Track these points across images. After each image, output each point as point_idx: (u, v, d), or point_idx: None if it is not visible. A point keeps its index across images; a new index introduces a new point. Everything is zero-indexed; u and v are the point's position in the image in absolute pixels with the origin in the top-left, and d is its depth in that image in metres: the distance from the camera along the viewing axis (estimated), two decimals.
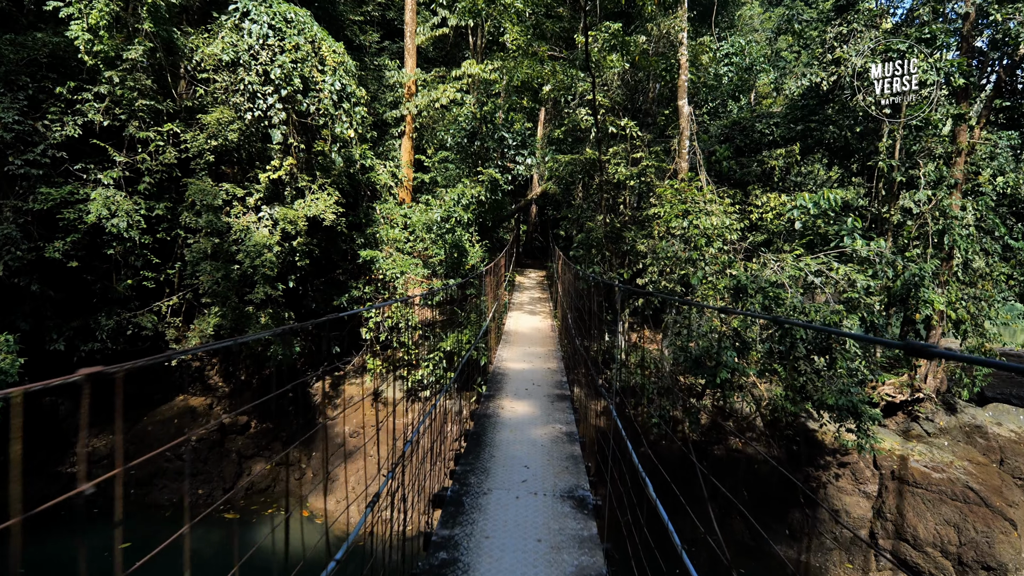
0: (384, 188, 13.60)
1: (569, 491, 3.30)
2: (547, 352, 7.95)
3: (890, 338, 9.11)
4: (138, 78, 9.81)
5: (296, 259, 10.83)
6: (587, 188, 12.56)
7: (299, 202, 10.29)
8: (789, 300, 7.94)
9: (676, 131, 11.75)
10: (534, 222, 23.37)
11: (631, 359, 9.71)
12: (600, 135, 10.46)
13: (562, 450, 3.94)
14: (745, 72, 16.37)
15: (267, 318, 11.39)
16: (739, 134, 13.87)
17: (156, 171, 10.03)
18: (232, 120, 9.93)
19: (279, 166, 10.02)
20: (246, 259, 9.80)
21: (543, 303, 12.60)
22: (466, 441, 4.17)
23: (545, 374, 6.48)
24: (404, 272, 11.52)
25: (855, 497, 9.90)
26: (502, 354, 7.66)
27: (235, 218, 10.31)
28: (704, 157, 11.14)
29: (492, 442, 4.06)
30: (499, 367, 6.87)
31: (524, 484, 3.36)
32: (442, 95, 13.64)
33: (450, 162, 14.37)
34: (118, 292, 10.76)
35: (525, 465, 3.61)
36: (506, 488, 3.29)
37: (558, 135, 12.82)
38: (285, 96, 9.66)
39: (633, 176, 10.99)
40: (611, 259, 11.54)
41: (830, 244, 10.54)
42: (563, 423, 4.56)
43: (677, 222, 8.85)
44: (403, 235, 12.24)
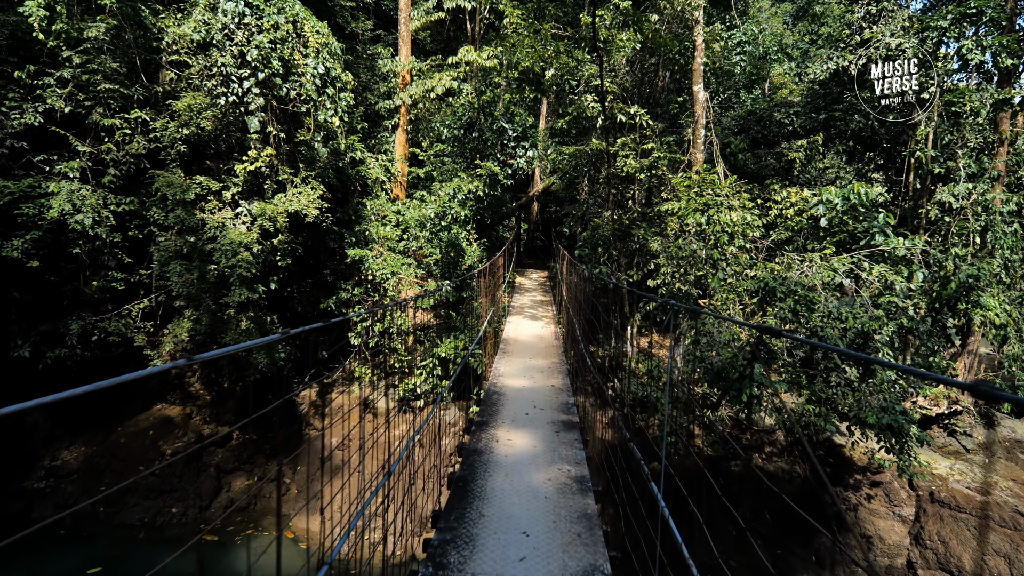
0: (376, 183, 12.74)
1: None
2: (550, 365, 7.10)
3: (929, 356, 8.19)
4: (103, 60, 8.96)
5: (277, 259, 9.98)
6: (593, 182, 11.69)
7: (279, 196, 9.43)
8: (823, 305, 7.04)
9: (690, 120, 10.86)
10: (535, 220, 22.47)
11: (641, 367, 8.83)
12: (608, 123, 9.57)
13: (571, 506, 3.06)
14: (759, 61, 15.47)
15: (248, 322, 10.55)
16: (755, 124, 12.95)
17: (123, 162, 9.19)
18: (205, 106, 9.07)
19: (257, 157, 9.16)
20: (222, 259, 8.96)
21: (545, 306, 11.69)
22: (449, 487, 3.30)
23: (548, 394, 5.62)
24: (395, 272, 10.65)
25: (889, 521, 9.00)
26: (499, 367, 6.83)
27: (209, 214, 9.46)
28: (720, 148, 10.24)
29: (482, 492, 3.18)
30: (495, 384, 6.00)
31: (522, 564, 2.49)
32: (438, 84, 12.76)
33: (446, 155, 13.50)
34: (88, 294, 9.94)
35: (524, 532, 2.74)
36: (498, 574, 2.41)
37: (561, 126, 11.94)
38: (263, 80, 8.80)
39: (643, 169, 10.10)
40: (619, 259, 10.65)
41: (859, 243, 9.65)
42: (571, 462, 3.67)
43: (694, 218, 7.96)
44: (395, 233, 11.38)
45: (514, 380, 6.16)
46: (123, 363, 11.25)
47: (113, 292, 10.30)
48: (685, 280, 8.97)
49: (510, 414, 4.70)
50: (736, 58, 14.37)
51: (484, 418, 4.56)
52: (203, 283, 9.69)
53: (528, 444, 3.98)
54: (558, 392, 5.75)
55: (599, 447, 8.55)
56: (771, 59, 15.92)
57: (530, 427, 4.35)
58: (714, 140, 9.89)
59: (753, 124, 12.95)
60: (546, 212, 22.26)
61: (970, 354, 10.24)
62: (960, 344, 11.72)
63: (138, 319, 10.07)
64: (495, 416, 4.63)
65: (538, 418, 4.62)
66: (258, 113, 8.90)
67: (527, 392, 5.63)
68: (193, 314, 9.54)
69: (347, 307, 11.97)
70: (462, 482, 3.29)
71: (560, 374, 6.60)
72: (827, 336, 7.05)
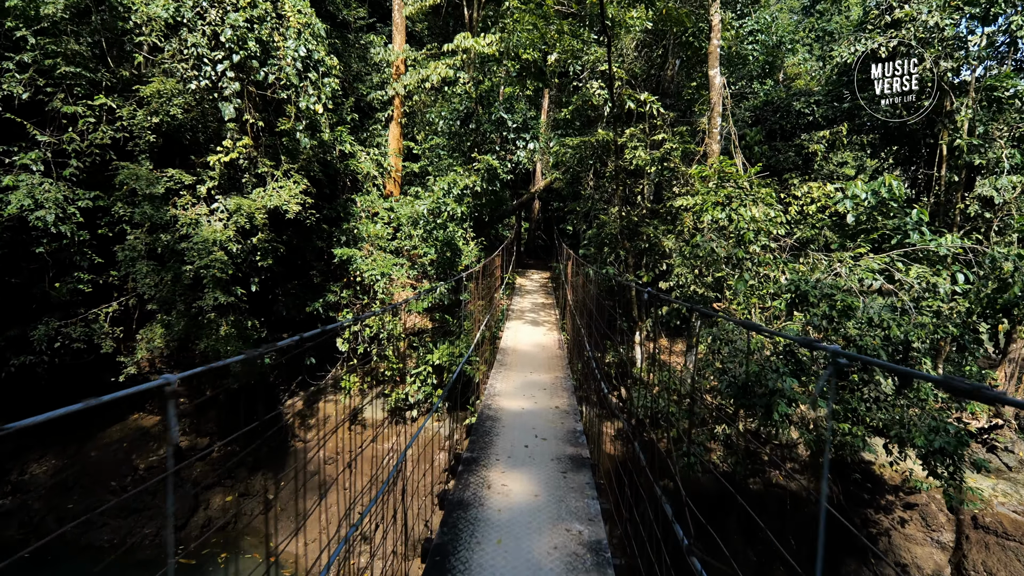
0: (367, 178, 11.95)
1: None
2: (553, 381, 6.22)
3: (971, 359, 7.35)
4: (65, 42, 8.20)
5: (257, 259, 9.20)
6: (599, 176, 10.88)
7: (258, 191, 8.65)
8: (863, 311, 6.22)
9: (704, 108, 10.04)
10: (537, 219, 21.66)
11: (654, 377, 8.02)
12: (616, 111, 8.76)
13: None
14: (773, 49, 14.64)
15: (228, 327, 9.77)
16: (772, 115, 12.12)
17: (86, 154, 8.42)
18: (176, 92, 8.29)
19: (232, 147, 8.38)
20: (195, 259, 8.18)
21: (547, 310, 10.87)
22: (425, 560, 2.50)
23: (552, 418, 4.79)
24: (386, 274, 9.86)
25: (927, 548, 8.17)
26: (495, 384, 5.99)
27: (182, 210, 8.68)
28: (738, 138, 9.42)
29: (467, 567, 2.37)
30: (490, 406, 5.13)
31: None
32: (433, 72, 11.97)
33: (442, 149, 12.70)
34: (56, 297, 9.19)
35: None
36: None
37: (565, 115, 11.12)
38: (238, 63, 8.02)
39: (654, 161, 9.28)
40: (627, 258, 9.83)
41: (889, 241, 8.83)
42: (582, 519, 2.86)
43: (713, 213, 7.15)
44: (386, 231, 10.59)
45: (512, 400, 5.30)
46: (96, 370, 10.49)
47: (85, 295, 9.55)
48: (702, 282, 8.16)
49: (506, 447, 3.88)
50: (748, 47, 13.55)
51: (474, 453, 3.73)
52: (177, 285, 8.93)
53: (527, 491, 3.17)
54: (563, 416, 4.90)
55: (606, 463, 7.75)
56: (785, 48, 15.09)
57: (530, 465, 3.54)
58: (732, 129, 9.07)
59: (770, 115, 12.12)
60: (548, 210, 21.44)
61: (1011, 362, 9.40)
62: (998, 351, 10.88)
63: (106, 323, 9.29)
64: (488, 450, 3.82)
65: (540, 452, 3.81)
66: (233, 99, 8.12)
67: (527, 416, 4.78)
68: (165, 318, 8.76)
69: (335, 310, 11.20)
70: (440, 554, 2.47)
71: (565, 392, 5.74)
72: (866, 346, 6.23)
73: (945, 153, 10.07)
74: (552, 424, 4.44)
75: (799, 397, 5.99)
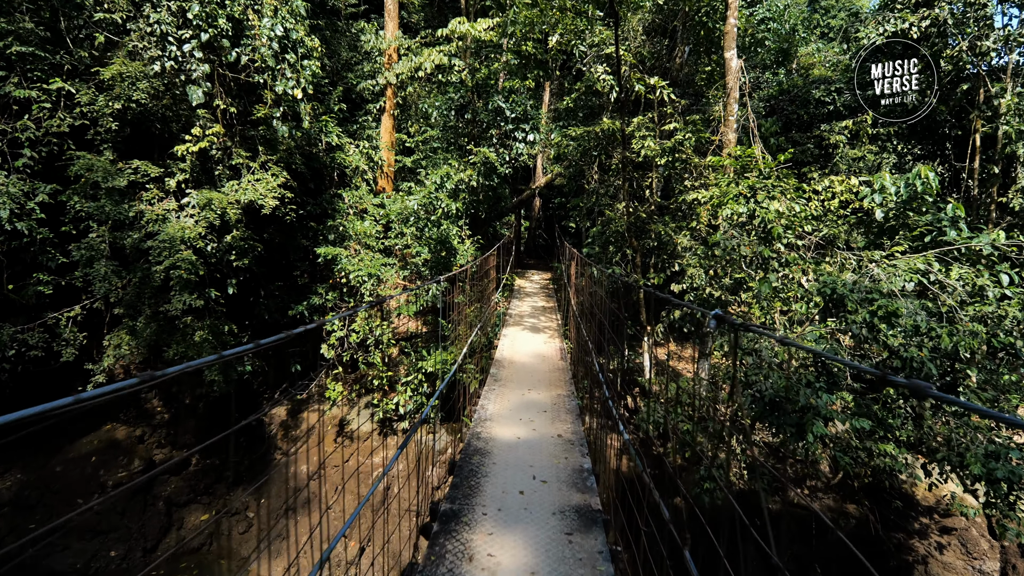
0: (356, 173, 11.20)
1: None
2: (555, 401, 5.33)
3: None
4: (17, 20, 7.45)
5: (233, 258, 8.45)
6: (604, 169, 10.12)
7: (231, 184, 7.89)
8: (908, 317, 5.45)
9: (719, 95, 9.27)
10: (537, 217, 20.88)
11: (665, 389, 7.26)
12: (623, 97, 7.99)
13: None
14: (787, 37, 13.87)
15: (204, 331, 9.01)
16: (789, 105, 11.34)
17: (42, 143, 7.67)
18: (139, 75, 7.54)
19: (202, 135, 7.63)
20: (163, 258, 7.44)
21: (548, 315, 10.09)
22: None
23: (554, 450, 3.92)
24: (373, 274, 9.10)
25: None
26: (487, 405, 5.05)
27: (148, 205, 7.94)
28: (756, 126, 8.65)
29: None
30: (479, 434, 4.19)
31: None
32: (426, 60, 11.21)
33: (436, 142, 11.94)
34: (17, 300, 8.45)
35: None
36: None
37: (567, 104, 10.35)
38: (207, 42, 7.27)
39: (665, 152, 8.52)
40: (635, 258, 9.06)
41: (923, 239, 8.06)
42: None
43: (733, 206, 6.38)
44: (374, 228, 9.83)
45: (506, 426, 4.39)
46: (67, 378, 9.75)
47: (52, 298, 8.81)
48: (718, 284, 7.39)
49: (496, 493, 3.08)
50: (760, 35, 12.79)
51: (455, 504, 2.93)
52: (146, 288, 8.19)
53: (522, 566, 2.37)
54: (567, 448, 4.02)
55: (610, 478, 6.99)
56: (799, 36, 14.30)
57: (526, 523, 2.75)
58: (750, 116, 8.29)
59: (786, 104, 11.35)
60: (549, 208, 20.67)
61: None
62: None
63: (68, 329, 8.53)
64: (473, 498, 3.02)
65: (539, 502, 3.01)
66: (203, 83, 7.36)
67: (523, 449, 3.89)
68: (130, 324, 8.02)
69: (321, 314, 10.45)
70: None
71: (569, 415, 4.83)
72: (912, 357, 5.47)
73: (979, 144, 9.30)
74: (554, 459, 3.64)
75: (839, 418, 5.22)
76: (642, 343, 9.39)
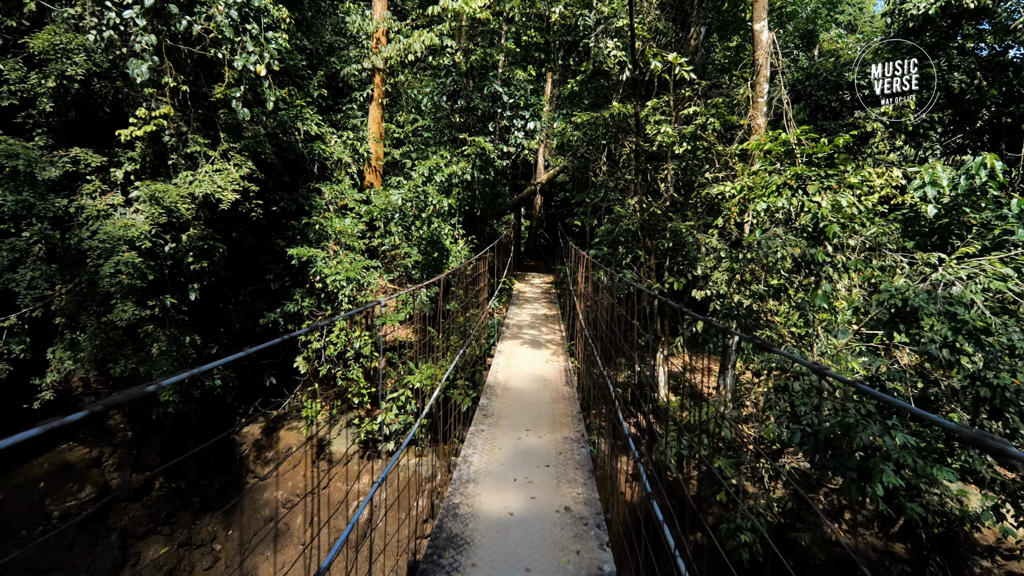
0: (339, 166, 10.14)
1: None
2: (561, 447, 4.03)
3: None
4: None
5: (190, 260, 7.40)
6: (613, 160, 9.06)
7: (184, 175, 6.84)
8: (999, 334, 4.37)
9: (747, 75, 8.19)
10: (539, 216, 19.79)
11: (687, 414, 6.20)
12: (637, 75, 6.91)
13: None
14: (812, 19, 12.82)
15: (165, 342, 7.97)
16: (818, 90, 10.25)
17: None
18: (76, 47, 6.49)
19: (148, 117, 6.57)
20: (102, 261, 6.39)
21: (551, 325, 8.99)
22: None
23: (560, 536, 2.74)
24: (353, 279, 8.04)
25: None
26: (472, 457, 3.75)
27: (89, 198, 6.89)
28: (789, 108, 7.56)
29: None
30: (456, 509, 2.99)
31: None
32: (416, 40, 10.15)
33: (426, 131, 10.88)
34: None
35: None
36: None
37: (571, 87, 9.24)
38: (152, 7, 6.20)
39: (684, 138, 7.44)
40: (648, 260, 7.98)
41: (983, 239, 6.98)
42: None
43: (772, 200, 5.30)
44: (355, 227, 8.77)
45: (494, 493, 3.18)
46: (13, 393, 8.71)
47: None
48: (748, 291, 6.31)
49: None
50: (790, 8, 11.70)
51: None
52: (92, 294, 7.14)
53: None
54: (579, 531, 2.78)
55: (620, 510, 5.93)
56: (822, 19, 13.24)
57: None
58: (784, 97, 7.20)
59: (814, 90, 10.24)
60: (551, 206, 19.59)
61: None
62: None
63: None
64: None
65: None
66: (148, 57, 6.29)
67: (517, 534, 2.73)
68: (68, 337, 6.97)
69: (297, 322, 9.39)
70: None
71: (580, 470, 3.57)
72: (1004, 384, 4.41)
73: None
74: (560, 554, 2.47)
75: (920, 466, 4.13)
76: (655, 355, 8.31)
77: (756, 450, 7.80)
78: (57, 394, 8.79)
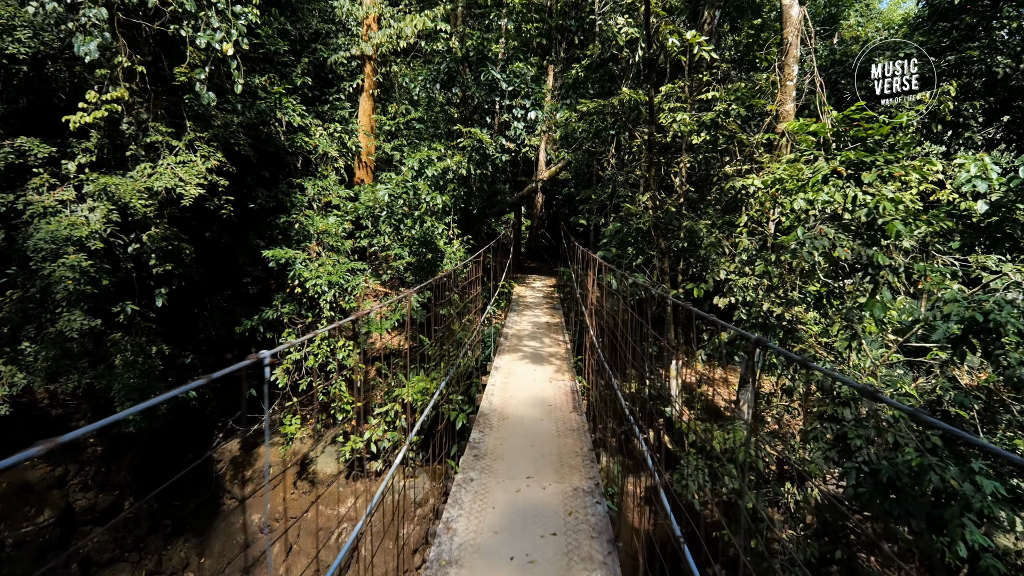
0: (324, 160, 9.38)
1: None
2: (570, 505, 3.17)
3: None
4: None
5: (153, 263, 6.64)
6: (622, 152, 8.29)
7: (141, 167, 6.07)
8: None
9: (772, 56, 7.43)
10: (540, 215, 19.02)
11: (716, 441, 5.43)
12: (651, 55, 6.14)
13: None
14: (828, 8, 12.06)
15: (130, 352, 7.23)
16: (842, 79, 9.47)
17: None
18: (16, 22, 5.73)
19: (99, 101, 5.81)
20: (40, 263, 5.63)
21: (554, 335, 8.18)
22: None
23: None
24: (335, 283, 7.28)
25: None
26: (455, 522, 2.93)
27: (36, 193, 6.13)
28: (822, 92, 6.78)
29: None
30: None
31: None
32: (408, 25, 9.39)
33: (418, 122, 10.10)
34: None
35: None
36: None
37: (577, 73, 8.46)
38: None
39: (703, 126, 6.66)
40: (662, 263, 7.20)
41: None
42: None
43: (818, 194, 4.53)
44: (339, 226, 8.01)
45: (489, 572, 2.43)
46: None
47: None
48: (781, 298, 5.54)
49: None
50: None
51: None
52: (47, 300, 6.38)
53: None
54: None
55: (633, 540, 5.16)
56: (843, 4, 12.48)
57: None
58: (817, 80, 6.43)
59: (839, 78, 9.46)
60: (553, 204, 18.81)
61: None
62: None
63: None
64: None
65: None
66: (99, 32, 5.53)
67: None
68: (8, 351, 6.22)
69: (277, 329, 8.62)
70: None
71: (596, 539, 2.70)
72: None
73: None
74: None
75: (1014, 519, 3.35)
76: (669, 367, 7.54)
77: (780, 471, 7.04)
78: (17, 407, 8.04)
